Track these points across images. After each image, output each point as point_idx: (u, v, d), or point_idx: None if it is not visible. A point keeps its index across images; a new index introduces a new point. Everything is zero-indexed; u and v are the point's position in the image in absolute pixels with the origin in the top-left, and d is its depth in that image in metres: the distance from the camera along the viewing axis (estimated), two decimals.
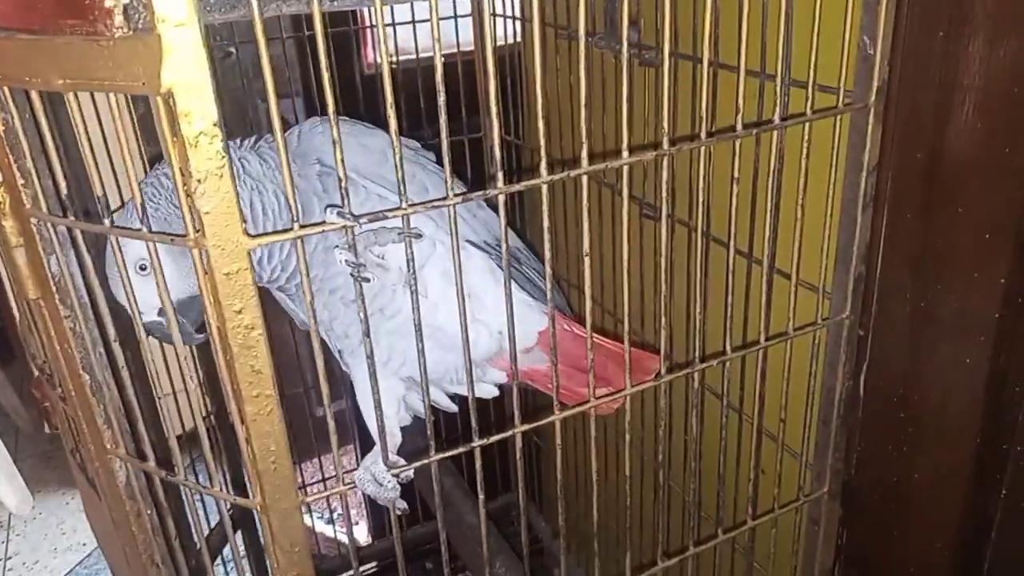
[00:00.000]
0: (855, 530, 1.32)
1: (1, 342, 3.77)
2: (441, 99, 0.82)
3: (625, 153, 0.92)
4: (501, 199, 0.89)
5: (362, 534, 3.12)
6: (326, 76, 0.77)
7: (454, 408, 1.17)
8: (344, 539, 3.15)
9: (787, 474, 1.30)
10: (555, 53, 1.80)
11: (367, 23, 2.15)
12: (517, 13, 1.90)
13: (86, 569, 3.45)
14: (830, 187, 1.13)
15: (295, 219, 0.79)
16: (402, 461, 0.96)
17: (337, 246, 0.97)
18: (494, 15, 1.88)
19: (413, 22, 1.97)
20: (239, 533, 2.24)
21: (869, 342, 1.22)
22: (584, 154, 0.90)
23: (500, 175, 0.87)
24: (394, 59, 2.04)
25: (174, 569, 1.09)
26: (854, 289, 1.17)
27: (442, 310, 1.05)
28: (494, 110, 0.86)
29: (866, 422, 1.26)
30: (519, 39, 2.01)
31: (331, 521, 3.87)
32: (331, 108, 0.78)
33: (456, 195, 0.85)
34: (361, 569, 2.59)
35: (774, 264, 1.12)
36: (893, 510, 1.26)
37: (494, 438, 0.98)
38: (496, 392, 1.16)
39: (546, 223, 0.92)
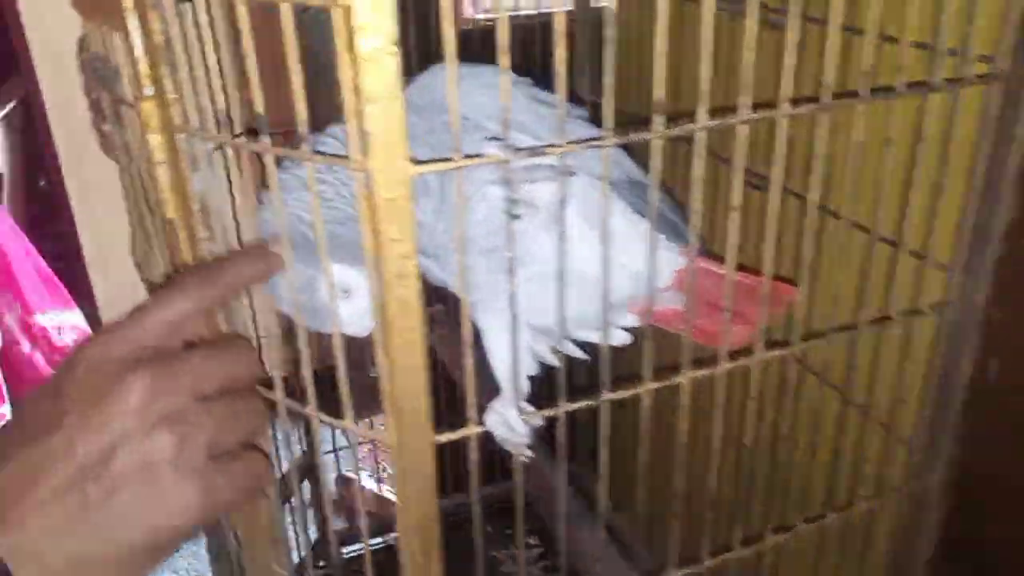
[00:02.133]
0: (968, 520, 1.27)
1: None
2: (610, 31, 0.79)
3: (785, 105, 0.88)
4: (658, 144, 0.85)
5: None
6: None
7: (584, 356, 1.13)
8: (393, 497, 3.16)
9: (889, 457, 1.26)
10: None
11: None
12: None
13: None
14: (973, 160, 1.08)
15: (456, 148, 0.76)
16: (531, 408, 0.94)
17: (488, 182, 0.94)
18: None
19: None
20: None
21: (1001, 325, 1.17)
22: (742, 102, 0.86)
23: (658, 119, 0.84)
24: (492, 15, 2.02)
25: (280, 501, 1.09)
26: (991, 269, 1.12)
27: (582, 253, 1.01)
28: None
29: (990, 407, 1.22)
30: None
31: (380, 480, 3.89)
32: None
33: (569, 142, 0.82)
34: None
35: (926, 246, 1.08)
36: (1014, 501, 1.22)
37: (624, 393, 0.95)
38: (628, 339, 1.12)
39: (699, 171, 0.89)
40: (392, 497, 3.25)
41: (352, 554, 2.38)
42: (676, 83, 1.69)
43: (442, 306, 2.18)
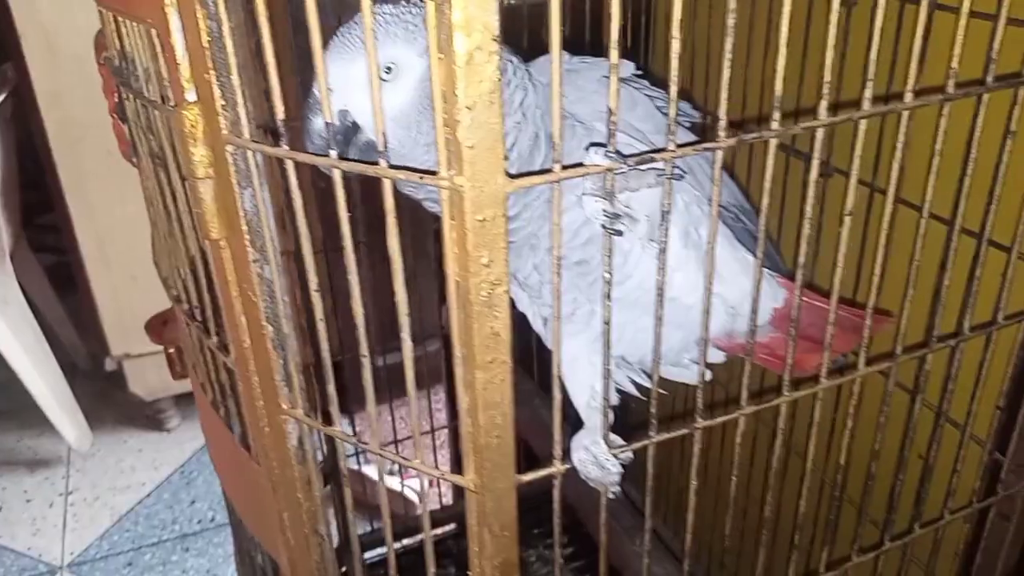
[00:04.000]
0: None
1: (63, 273, 3.70)
2: (676, 44, 0.68)
3: (909, 96, 0.79)
4: (719, 155, 0.75)
5: (437, 493, 3.03)
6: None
7: (639, 395, 1.03)
8: (414, 496, 3.06)
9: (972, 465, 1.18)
10: None
11: None
12: None
13: (146, 509, 3.43)
14: None
15: (557, 159, 0.67)
16: (620, 441, 0.85)
17: (585, 192, 0.84)
18: None
19: None
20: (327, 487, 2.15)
21: None
22: (823, 107, 0.76)
23: (723, 125, 0.73)
24: None
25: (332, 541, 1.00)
26: None
27: (677, 277, 0.92)
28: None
29: None
30: None
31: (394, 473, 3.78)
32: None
33: (679, 146, 0.72)
34: (443, 530, 2.52)
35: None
36: None
37: (719, 419, 0.86)
38: (710, 375, 1.02)
39: (767, 182, 0.80)
40: (412, 496, 3.15)
41: (376, 559, 2.31)
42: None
43: None
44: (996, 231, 1.01)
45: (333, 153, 0.68)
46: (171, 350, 1.27)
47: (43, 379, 3.32)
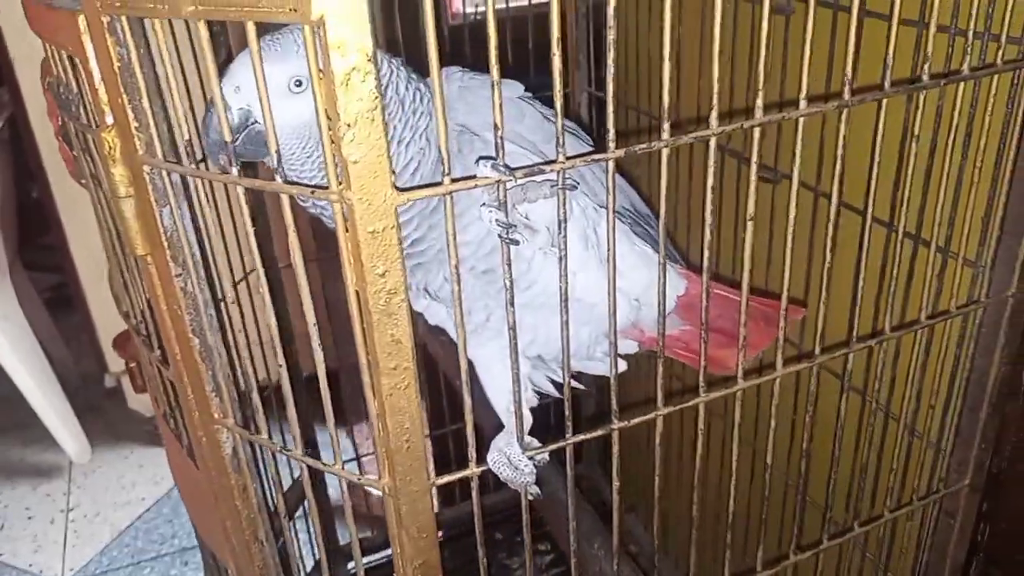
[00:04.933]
0: (1001, 527, 1.21)
1: (64, 292, 3.76)
2: (557, 60, 0.71)
3: (804, 103, 0.81)
4: (611, 165, 0.77)
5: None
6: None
7: (581, 387, 1.06)
8: None
9: (913, 463, 1.20)
10: None
11: None
12: None
13: (146, 524, 3.47)
14: (1004, 151, 1.01)
15: (446, 172, 0.69)
16: (536, 443, 0.87)
17: (484, 204, 0.87)
18: None
19: None
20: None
21: None
22: (714, 116, 0.78)
23: (611, 136, 0.75)
24: (479, 8, 1.95)
25: (276, 548, 1.03)
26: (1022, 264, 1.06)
27: (580, 278, 0.94)
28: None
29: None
30: None
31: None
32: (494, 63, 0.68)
33: (569, 157, 0.74)
34: None
35: (949, 241, 1.01)
36: None
37: (635, 420, 0.89)
38: (624, 366, 1.06)
39: (663, 189, 0.82)
40: None
41: (369, 565, 2.33)
42: (679, 65, 1.61)
43: None
44: (929, 233, 1.03)
45: (234, 170, 0.71)
46: (132, 364, 1.31)
47: (42, 392, 3.39)
